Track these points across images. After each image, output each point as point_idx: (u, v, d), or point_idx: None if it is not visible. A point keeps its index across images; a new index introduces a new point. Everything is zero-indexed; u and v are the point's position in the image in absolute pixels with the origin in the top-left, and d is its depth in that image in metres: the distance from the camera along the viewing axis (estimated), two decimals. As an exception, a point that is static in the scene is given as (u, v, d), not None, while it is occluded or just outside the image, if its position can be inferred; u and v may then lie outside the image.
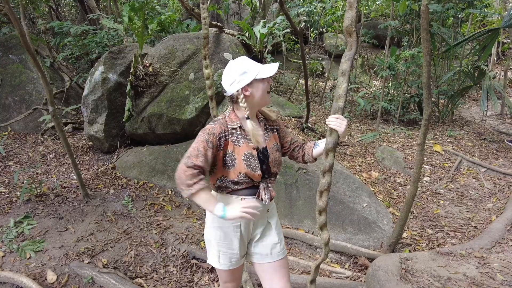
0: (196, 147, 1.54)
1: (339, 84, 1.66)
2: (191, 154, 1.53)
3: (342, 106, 1.64)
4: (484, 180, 4.33)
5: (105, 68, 4.41)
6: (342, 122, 1.60)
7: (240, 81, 1.58)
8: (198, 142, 1.56)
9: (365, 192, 3.67)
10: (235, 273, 1.81)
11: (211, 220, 1.73)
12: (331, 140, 1.64)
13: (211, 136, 1.57)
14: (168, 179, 3.90)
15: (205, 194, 1.53)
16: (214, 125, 1.60)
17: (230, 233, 1.70)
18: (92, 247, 2.94)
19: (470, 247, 2.84)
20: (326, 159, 1.67)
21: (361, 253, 3.06)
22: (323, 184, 1.68)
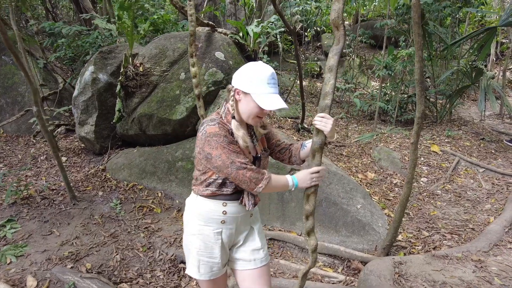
0: (226, 153, 1.44)
1: (326, 80, 1.58)
2: (232, 161, 1.43)
3: (329, 104, 1.56)
4: (482, 180, 4.24)
5: (95, 68, 4.34)
6: (328, 122, 1.52)
7: (242, 82, 1.46)
8: (221, 148, 1.44)
9: (359, 193, 3.58)
10: (218, 283, 1.69)
11: (189, 227, 1.63)
12: (318, 140, 1.56)
13: (227, 137, 1.47)
14: (158, 181, 3.81)
15: (274, 180, 1.52)
16: (216, 124, 1.48)
17: (210, 241, 1.60)
18: (76, 251, 2.84)
19: (467, 249, 2.74)
20: (312, 160, 1.58)
21: (354, 256, 2.97)
22: (309, 188, 1.59)
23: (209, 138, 1.45)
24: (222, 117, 1.54)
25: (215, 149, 1.44)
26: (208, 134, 1.45)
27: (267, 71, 1.45)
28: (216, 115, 1.54)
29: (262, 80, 1.43)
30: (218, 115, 1.55)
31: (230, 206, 1.58)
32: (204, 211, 1.59)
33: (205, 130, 1.47)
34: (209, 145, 1.45)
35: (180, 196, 3.67)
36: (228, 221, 1.60)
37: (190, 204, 1.66)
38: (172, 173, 3.80)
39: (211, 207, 1.58)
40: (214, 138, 1.44)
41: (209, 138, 1.44)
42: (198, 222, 1.60)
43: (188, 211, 1.67)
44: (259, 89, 1.43)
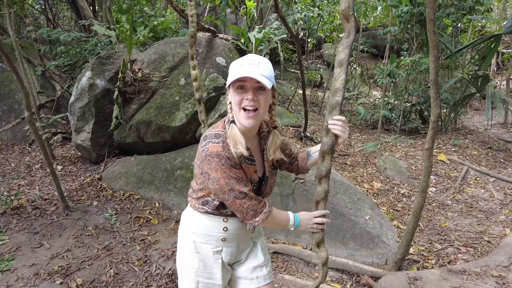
0: (226, 178, 1.26)
1: (336, 76, 1.43)
2: (230, 188, 1.27)
3: (340, 102, 1.41)
4: (494, 190, 4.07)
5: (92, 73, 4.21)
6: (346, 128, 1.38)
7: (227, 79, 1.29)
8: (222, 172, 1.25)
9: (367, 203, 3.41)
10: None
11: (185, 245, 1.45)
12: (328, 141, 1.41)
13: (230, 158, 1.27)
14: (156, 190, 3.64)
15: (276, 213, 1.38)
16: (221, 142, 1.27)
17: (210, 260, 1.43)
18: (67, 265, 2.66)
19: (485, 264, 2.56)
20: (322, 163, 1.43)
21: (364, 271, 2.78)
22: (319, 193, 1.43)
23: (209, 157, 1.26)
24: (227, 128, 1.33)
25: (214, 171, 1.26)
26: (210, 153, 1.26)
27: (245, 56, 1.28)
28: (222, 128, 1.33)
29: (235, 64, 1.27)
30: (224, 126, 1.34)
31: (232, 222, 1.41)
32: (202, 228, 1.42)
33: (207, 147, 1.27)
34: (209, 165, 1.27)
35: (179, 206, 3.50)
36: (229, 238, 1.43)
37: (186, 219, 1.48)
38: (171, 182, 3.63)
39: (210, 223, 1.41)
40: (215, 159, 1.25)
41: (209, 158, 1.26)
42: (196, 239, 1.43)
43: (183, 226, 1.49)
44: (233, 74, 1.24)
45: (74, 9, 8.22)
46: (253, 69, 1.22)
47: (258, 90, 1.26)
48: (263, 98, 1.27)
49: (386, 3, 7.34)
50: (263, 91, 1.27)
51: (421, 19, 5.84)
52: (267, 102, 1.31)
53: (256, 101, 1.25)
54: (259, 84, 1.23)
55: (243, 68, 1.23)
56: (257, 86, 1.25)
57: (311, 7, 7.02)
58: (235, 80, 1.23)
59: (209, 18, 7.42)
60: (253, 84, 1.24)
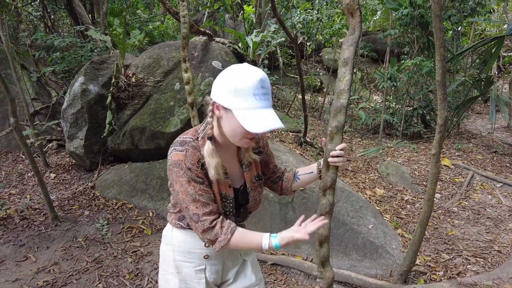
0: (183, 193, 1.14)
1: (341, 76, 1.30)
2: (186, 206, 1.15)
3: (345, 104, 1.26)
4: (501, 196, 3.92)
5: (85, 79, 4.10)
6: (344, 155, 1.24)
7: (220, 95, 1.09)
8: (180, 185, 1.15)
9: (370, 211, 3.26)
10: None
11: (166, 264, 1.33)
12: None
13: (192, 170, 1.14)
14: (150, 199, 3.50)
15: (241, 234, 1.16)
16: (185, 151, 1.15)
17: (192, 280, 1.29)
18: (53, 280, 2.51)
19: (497, 276, 2.41)
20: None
21: (368, 283, 2.62)
22: (324, 206, 1.28)
23: (171, 167, 1.16)
24: (199, 137, 1.19)
25: (175, 182, 1.16)
26: (172, 162, 1.15)
27: (254, 77, 1.05)
28: (193, 134, 1.21)
29: (247, 90, 1.05)
30: (195, 133, 1.21)
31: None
32: (182, 245, 1.29)
33: (171, 155, 1.16)
34: (171, 175, 1.17)
35: (173, 215, 3.35)
36: (213, 255, 1.29)
37: (166, 236, 1.35)
38: (165, 191, 3.49)
39: (190, 239, 1.27)
40: (175, 168, 1.15)
41: (171, 168, 1.16)
42: (176, 258, 1.29)
43: (163, 244, 1.36)
44: (242, 103, 1.06)
45: (72, 15, 8.16)
46: (271, 113, 1.08)
47: None
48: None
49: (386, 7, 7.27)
50: None
51: (422, 21, 5.74)
52: None
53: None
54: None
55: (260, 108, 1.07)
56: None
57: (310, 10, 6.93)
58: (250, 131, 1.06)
59: (208, 23, 7.34)
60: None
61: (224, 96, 1.08)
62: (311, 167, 1.39)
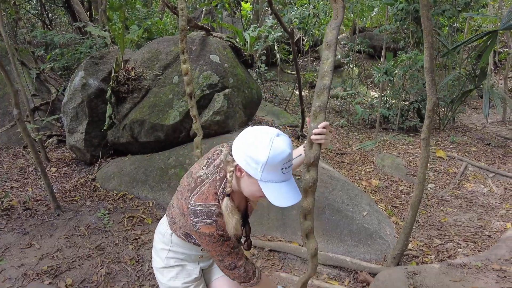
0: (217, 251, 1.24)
1: (324, 58, 1.38)
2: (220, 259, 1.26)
3: (328, 85, 1.35)
4: (494, 185, 4.01)
5: (85, 73, 4.16)
6: (328, 133, 1.28)
7: (246, 163, 1.11)
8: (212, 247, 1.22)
9: (364, 200, 3.35)
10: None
11: (162, 259, 1.43)
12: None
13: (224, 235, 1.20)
14: (150, 189, 3.57)
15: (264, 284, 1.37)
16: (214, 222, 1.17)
17: (188, 268, 1.45)
18: (56, 265, 2.59)
19: (486, 258, 2.50)
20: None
21: (362, 267, 2.71)
22: (308, 181, 1.35)
23: (202, 236, 1.20)
24: (219, 200, 1.20)
25: (205, 245, 1.24)
26: (202, 232, 1.19)
27: (286, 152, 1.08)
28: (214, 198, 1.19)
29: (277, 166, 1.08)
30: (215, 196, 1.19)
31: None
32: (179, 249, 1.41)
33: (199, 227, 1.18)
34: (201, 240, 1.23)
35: (173, 205, 3.43)
36: (206, 255, 1.45)
37: (164, 237, 1.42)
38: (165, 181, 3.57)
39: (188, 246, 1.40)
40: (207, 237, 1.20)
41: (202, 236, 1.21)
42: (174, 256, 1.42)
43: (160, 242, 1.44)
44: (270, 177, 1.10)
45: (70, 13, 8.20)
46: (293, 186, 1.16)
47: None
48: None
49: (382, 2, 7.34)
50: None
51: (417, 16, 5.82)
52: None
53: None
54: None
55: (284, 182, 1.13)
56: None
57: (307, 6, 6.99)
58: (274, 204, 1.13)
59: (206, 20, 7.40)
60: None
61: (251, 165, 1.09)
62: (299, 149, 1.47)
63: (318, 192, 3.20)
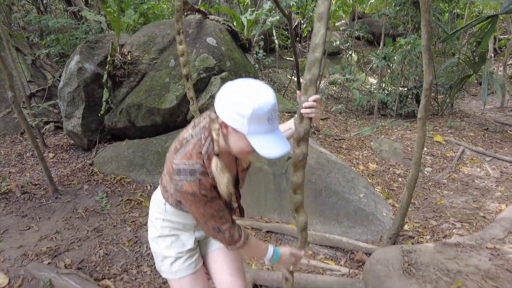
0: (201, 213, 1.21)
1: (316, 31, 1.36)
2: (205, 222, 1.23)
3: (319, 58, 1.33)
4: (490, 169, 4.03)
5: (81, 57, 4.12)
6: (318, 106, 1.25)
7: (231, 118, 1.07)
8: (196, 208, 1.19)
9: (361, 182, 3.37)
10: (198, 283, 1.45)
11: (157, 229, 1.42)
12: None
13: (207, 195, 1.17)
14: (147, 173, 3.58)
15: (253, 244, 1.34)
16: (197, 181, 1.14)
17: (182, 238, 1.43)
18: (55, 246, 2.60)
19: (480, 237, 2.53)
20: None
21: (358, 247, 2.74)
22: (298, 155, 1.34)
23: (185, 195, 1.17)
24: (204, 159, 1.16)
25: (189, 205, 1.21)
26: (184, 191, 1.16)
27: (271, 101, 1.06)
28: (198, 157, 1.16)
29: (262, 117, 1.05)
30: (200, 155, 1.16)
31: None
32: (174, 218, 1.39)
33: (182, 185, 1.15)
34: (184, 199, 1.21)
35: (171, 188, 3.44)
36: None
37: (158, 206, 1.41)
38: (162, 165, 3.57)
39: (183, 215, 1.38)
40: (190, 197, 1.17)
41: (184, 195, 1.18)
42: (168, 225, 1.41)
43: (155, 211, 1.43)
44: (257, 128, 1.07)
45: (65, -1, 8.07)
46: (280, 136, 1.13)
47: None
48: None
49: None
50: None
51: (416, 0, 5.75)
52: None
53: None
54: None
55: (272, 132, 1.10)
56: None
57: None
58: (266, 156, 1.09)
59: (203, 6, 7.31)
60: None
61: (237, 119, 1.06)
62: (289, 123, 1.46)
63: (315, 174, 3.21)
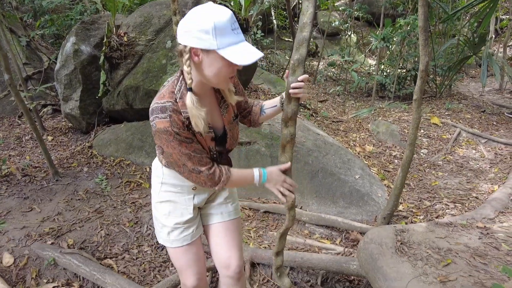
0: (177, 154, 1.20)
1: (304, 10, 1.36)
2: (183, 164, 1.22)
3: (307, 37, 1.34)
4: (485, 150, 4.08)
5: (77, 39, 4.08)
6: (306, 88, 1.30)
7: (197, 38, 1.06)
8: (172, 148, 1.18)
9: (357, 164, 3.42)
10: (191, 253, 1.49)
11: (157, 193, 1.46)
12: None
13: (180, 133, 1.17)
14: (146, 155, 3.62)
15: (236, 175, 1.32)
16: (168, 117, 1.14)
17: (181, 206, 1.44)
18: (58, 227, 2.67)
19: (471, 217, 2.60)
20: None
21: (353, 227, 2.82)
22: (286, 136, 1.38)
23: (158, 133, 1.18)
24: (177, 98, 1.18)
25: (165, 146, 1.20)
26: (158, 129, 1.17)
27: (227, 12, 1.07)
28: (170, 96, 1.18)
29: (226, 27, 1.05)
30: (172, 95, 1.18)
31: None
32: (172, 179, 1.41)
33: (155, 123, 1.17)
34: (159, 140, 1.20)
35: (170, 170, 3.49)
36: (201, 187, 1.42)
37: (156, 170, 1.46)
38: (161, 147, 3.61)
39: (179, 176, 1.38)
40: (163, 135, 1.17)
41: (158, 134, 1.18)
42: (167, 189, 1.43)
43: (155, 176, 1.47)
44: (225, 40, 1.06)
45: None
46: (249, 45, 1.12)
47: None
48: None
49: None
50: None
51: (417, -21, 5.64)
52: None
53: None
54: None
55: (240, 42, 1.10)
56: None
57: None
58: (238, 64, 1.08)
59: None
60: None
61: (202, 38, 1.05)
62: (275, 100, 1.49)
63: (311, 156, 3.25)
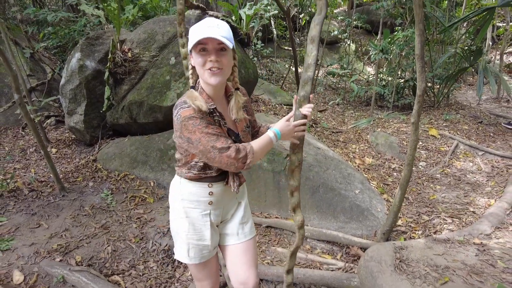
0: (206, 137, 1.32)
1: (308, 52, 1.50)
2: (212, 145, 1.32)
3: (311, 77, 1.51)
4: (482, 163, 4.16)
5: (82, 55, 4.16)
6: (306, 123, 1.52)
7: (189, 44, 1.34)
8: (200, 132, 1.31)
9: (357, 178, 3.49)
10: (209, 267, 1.63)
11: (176, 211, 1.56)
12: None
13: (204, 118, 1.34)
14: (150, 170, 3.69)
15: (257, 144, 1.42)
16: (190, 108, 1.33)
17: (199, 223, 1.54)
18: (65, 244, 2.74)
19: (468, 233, 2.68)
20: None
21: (353, 242, 2.89)
22: (293, 161, 1.56)
23: (185, 122, 1.32)
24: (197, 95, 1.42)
25: (193, 133, 1.32)
26: (183, 118, 1.32)
27: (204, 20, 1.33)
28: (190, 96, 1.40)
29: (196, 29, 1.32)
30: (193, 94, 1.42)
31: (216, 186, 1.51)
32: (190, 194, 1.52)
33: (180, 114, 1.33)
34: (187, 129, 1.32)
35: (174, 185, 3.56)
36: (216, 201, 1.54)
37: (174, 187, 1.58)
38: (165, 162, 3.68)
39: (196, 190, 1.50)
40: (190, 121, 1.31)
41: (185, 122, 1.32)
42: (185, 205, 1.53)
43: (173, 194, 1.59)
44: (193, 39, 1.31)
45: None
46: (213, 31, 1.29)
47: (220, 51, 1.33)
48: (226, 59, 1.34)
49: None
50: (225, 51, 1.34)
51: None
52: (230, 63, 1.39)
53: (220, 62, 1.32)
54: (221, 45, 1.31)
55: (203, 31, 1.29)
56: (218, 48, 1.32)
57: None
58: (196, 43, 1.30)
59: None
60: (215, 45, 1.31)
61: (190, 42, 1.33)
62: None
63: (312, 171, 3.33)
